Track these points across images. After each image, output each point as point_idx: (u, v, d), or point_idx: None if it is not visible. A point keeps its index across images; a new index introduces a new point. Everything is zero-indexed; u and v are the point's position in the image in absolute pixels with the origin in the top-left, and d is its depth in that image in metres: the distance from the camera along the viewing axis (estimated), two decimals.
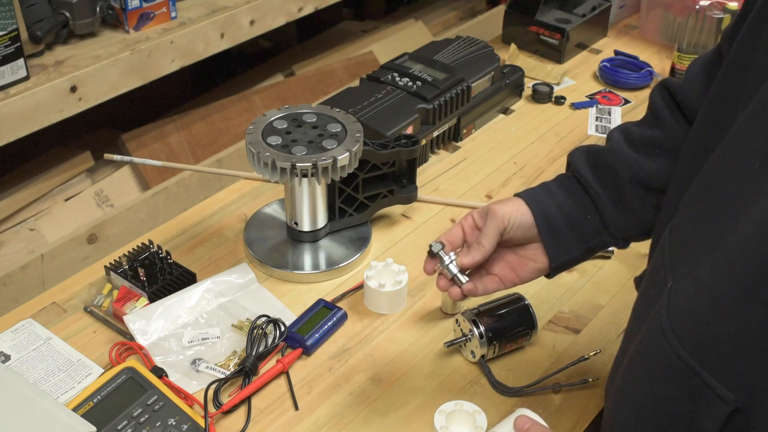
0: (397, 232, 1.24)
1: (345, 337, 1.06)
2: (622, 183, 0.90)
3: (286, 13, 1.86)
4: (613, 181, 0.90)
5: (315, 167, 1.04)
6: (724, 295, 0.63)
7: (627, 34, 1.83)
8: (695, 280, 0.66)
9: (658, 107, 0.92)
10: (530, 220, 0.91)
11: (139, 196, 1.73)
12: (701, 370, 0.64)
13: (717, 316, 0.63)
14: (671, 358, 0.66)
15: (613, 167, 0.90)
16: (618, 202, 0.90)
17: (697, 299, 0.66)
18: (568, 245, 0.91)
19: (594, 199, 0.91)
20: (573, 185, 0.93)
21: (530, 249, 0.92)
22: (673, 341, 0.66)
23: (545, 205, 0.91)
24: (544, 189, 0.94)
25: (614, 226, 0.91)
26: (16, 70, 1.41)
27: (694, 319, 0.66)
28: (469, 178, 1.36)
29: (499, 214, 0.90)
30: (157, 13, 1.65)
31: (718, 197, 0.69)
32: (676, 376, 0.66)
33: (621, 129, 0.94)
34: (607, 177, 0.91)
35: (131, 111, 2.06)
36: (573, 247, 0.92)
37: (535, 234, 0.91)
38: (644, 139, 0.90)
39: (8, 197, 1.67)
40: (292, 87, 2.11)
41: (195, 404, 0.94)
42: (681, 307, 0.68)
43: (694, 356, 0.64)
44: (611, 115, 1.53)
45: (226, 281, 1.11)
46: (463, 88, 1.39)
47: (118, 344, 1.01)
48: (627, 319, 1.09)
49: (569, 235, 0.91)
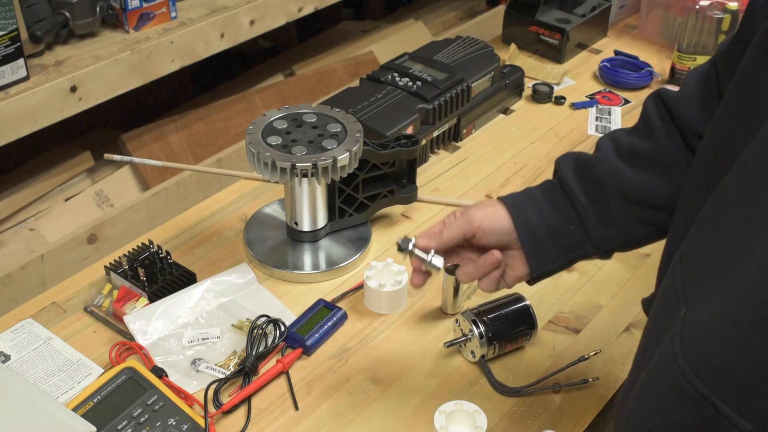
0: (397, 232, 1.24)
1: (345, 337, 1.06)
2: (608, 195, 0.88)
3: (286, 13, 1.86)
4: (599, 193, 0.88)
5: (315, 167, 1.04)
6: (738, 324, 0.61)
7: (627, 34, 1.83)
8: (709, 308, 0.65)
9: (650, 117, 0.89)
10: (507, 226, 0.89)
11: (139, 196, 1.73)
12: (715, 400, 0.62)
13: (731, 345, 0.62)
14: (684, 387, 0.65)
15: (600, 178, 0.88)
16: (602, 214, 0.88)
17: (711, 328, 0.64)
18: (548, 255, 0.90)
19: (578, 210, 0.89)
20: (557, 193, 0.91)
21: (509, 256, 0.91)
22: (686, 370, 0.65)
23: (527, 212, 0.90)
24: (527, 196, 0.92)
25: (597, 237, 0.89)
26: (16, 70, 1.41)
27: (708, 348, 0.64)
28: (469, 178, 1.36)
29: (470, 216, 0.89)
30: (157, 13, 1.65)
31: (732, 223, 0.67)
32: (689, 405, 0.64)
33: (611, 137, 0.92)
34: (593, 188, 0.89)
35: (131, 111, 2.06)
36: (554, 257, 0.90)
37: (512, 240, 0.90)
38: (634, 150, 0.88)
39: (8, 197, 1.67)
40: (292, 87, 2.11)
41: (195, 404, 0.94)
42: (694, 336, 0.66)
43: (708, 385, 0.63)
44: (611, 115, 1.53)
45: (226, 281, 1.11)
46: (463, 88, 1.39)
47: (118, 344, 1.01)
48: (627, 319, 1.10)
49: (550, 246, 0.89)
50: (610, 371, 1.01)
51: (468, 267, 0.91)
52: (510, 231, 0.89)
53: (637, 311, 1.10)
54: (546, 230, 0.89)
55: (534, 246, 0.89)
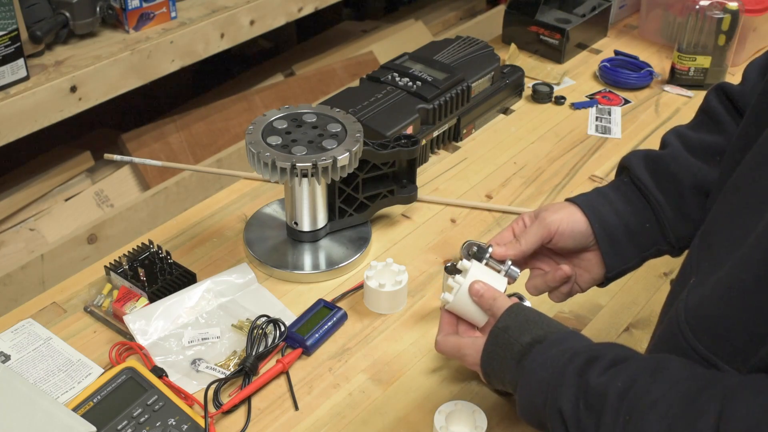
0: (397, 232, 1.24)
1: (345, 337, 1.06)
2: (684, 190, 0.87)
3: (286, 13, 1.86)
4: (674, 189, 0.88)
5: (315, 167, 1.04)
6: (735, 287, 0.64)
7: (627, 34, 1.83)
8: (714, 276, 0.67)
9: (717, 112, 0.89)
10: (585, 228, 0.88)
11: (139, 196, 1.73)
12: (717, 361, 0.65)
13: (729, 307, 0.65)
14: (687, 350, 0.68)
15: (674, 174, 0.88)
16: (678, 211, 0.88)
17: (712, 293, 0.67)
18: (625, 255, 0.89)
19: (654, 207, 0.88)
20: (631, 192, 0.90)
21: (584, 259, 0.91)
22: (688, 334, 0.68)
23: (603, 213, 0.89)
24: (600, 195, 0.91)
25: (673, 234, 0.89)
26: (16, 70, 1.41)
27: (708, 312, 0.67)
28: (469, 178, 1.36)
29: (546, 221, 0.88)
30: (157, 13, 1.65)
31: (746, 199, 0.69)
32: None
33: (676, 134, 0.91)
34: (668, 184, 0.88)
35: (131, 111, 2.07)
36: (630, 256, 0.90)
37: (589, 242, 0.89)
38: (704, 145, 0.88)
39: (8, 197, 1.67)
40: (292, 87, 2.12)
41: (195, 404, 0.94)
42: (697, 301, 0.69)
43: (708, 347, 0.66)
44: (611, 115, 1.53)
45: (226, 281, 1.11)
46: (463, 88, 1.39)
47: (118, 344, 1.01)
48: (627, 319, 1.10)
49: (627, 245, 0.89)
50: None
51: (537, 280, 0.91)
52: (587, 233, 0.89)
53: (637, 311, 1.10)
54: (623, 230, 0.89)
55: (611, 246, 0.89)
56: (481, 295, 0.84)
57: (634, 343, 1.04)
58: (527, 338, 0.78)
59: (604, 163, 1.39)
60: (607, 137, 1.47)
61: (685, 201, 0.87)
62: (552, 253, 0.93)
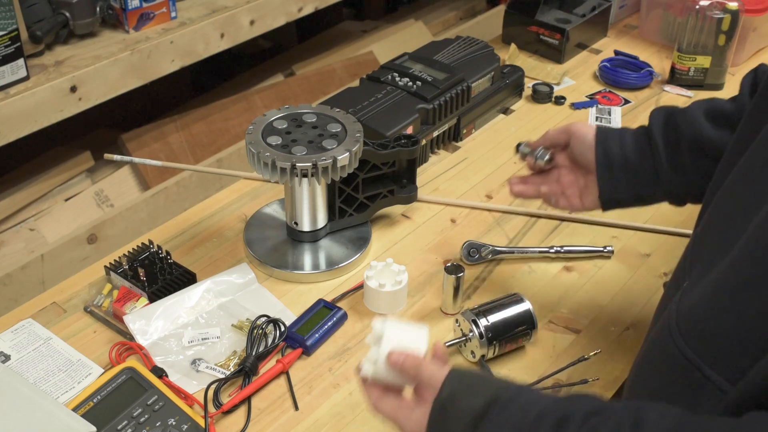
0: (397, 232, 1.24)
1: (345, 337, 1.06)
2: (681, 141, 0.94)
3: (286, 13, 1.86)
4: (675, 139, 0.95)
5: (315, 167, 1.04)
6: (723, 289, 0.65)
7: (627, 34, 1.83)
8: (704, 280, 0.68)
9: (742, 86, 0.95)
10: (591, 142, 0.99)
11: (139, 196, 1.73)
12: (702, 364, 0.65)
13: (717, 310, 0.65)
14: (675, 354, 0.68)
15: (679, 126, 0.95)
16: (672, 158, 0.95)
17: (702, 296, 0.67)
18: (619, 185, 0.98)
19: (653, 150, 0.96)
20: (642, 134, 0.98)
21: (590, 180, 1.01)
22: (677, 338, 0.68)
23: (610, 142, 0.98)
24: (617, 130, 1.01)
25: (665, 179, 0.95)
26: (16, 70, 1.41)
27: (696, 315, 0.67)
28: (469, 178, 1.36)
29: (571, 125, 1.02)
30: (157, 13, 1.65)
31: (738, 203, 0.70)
32: (679, 371, 0.67)
33: (707, 100, 0.98)
34: (671, 134, 0.95)
35: (131, 111, 2.06)
36: (623, 188, 0.98)
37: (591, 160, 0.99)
38: (716, 109, 0.94)
39: (8, 197, 1.67)
40: (292, 87, 2.11)
41: (195, 404, 0.94)
42: (687, 305, 0.69)
43: (695, 351, 0.66)
44: (611, 115, 1.53)
45: (226, 281, 1.11)
46: (463, 88, 1.39)
47: (118, 344, 1.01)
48: (627, 319, 1.10)
49: (622, 176, 0.97)
50: (610, 371, 1.01)
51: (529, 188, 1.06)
52: (591, 147, 0.99)
53: (637, 311, 1.10)
54: (621, 160, 0.97)
55: (606, 171, 0.98)
56: (402, 365, 0.76)
57: (635, 343, 1.04)
58: (479, 402, 0.69)
59: None
60: None
61: (680, 151, 0.94)
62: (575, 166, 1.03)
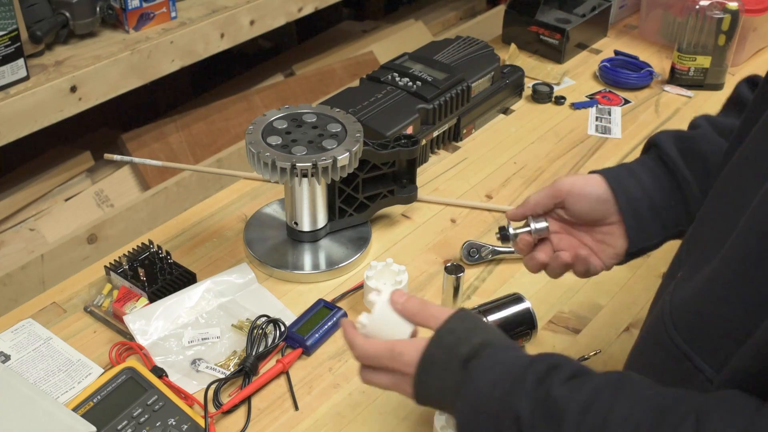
0: (397, 232, 1.24)
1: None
2: (712, 170, 0.86)
3: (286, 13, 1.86)
4: (702, 168, 0.87)
5: (315, 167, 1.04)
6: (715, 280, 0.65)
7: (627, 34, 1.83)
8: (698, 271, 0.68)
9: (746, 97, 0.89)
10: (602, 194, 0.87)
11: (139, 196, 1.73)
12: (693, 355, 0.66)
13: (708, 301, 0.65)
14: (668, 344, 0.68)
15: (703, 153, 0.87)
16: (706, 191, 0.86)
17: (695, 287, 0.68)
18: (650, 231, 0.88)
19: (682, 186, 0.87)
20: (659, 168, 0.89)
21: (606, 233, 0.89)
22: (670, 328, 0.68)
23: (628, 186, 0.88)
24: (625, 169, 0.90)
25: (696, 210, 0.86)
26: (16, 70, 1.41)
27: (689, 306, 0.68)
28: (469, 178, 1.36)
29: (558, 183, 0.89)
30: (157, 13, 1.65)
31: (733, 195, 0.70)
32: (671, 361, 0.68)
33: (705, 118, 0.91)
34: (697, 163, 0.87)
35: (131, 111, 2.06)
36: (654, 233, 0.88)
37: (607, 212, 0.88)
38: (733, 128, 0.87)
39: (8, 197, 1.67)
40: (292, 87, 2.11)
41: (195, 404, 0.94)
42: (681, 296, 0.69)
43: (687, 341, 0.66)
44: (611, 115, 1.53)
45: (226, 281, 1.11)
46: (463, 88, 1.39)
47: (118, 344, 1.01)
48: (627, 319, 1.10)
49: (652, 221, 0.88)
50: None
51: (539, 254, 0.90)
52: (604, 200, 0.88)
53: (637, 311, 1.10)
54: (648, 204, 0.87)
55: (636, 221, 0.87)
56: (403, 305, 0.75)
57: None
58: (477, 339, 0.70)
59: (604, 163, 1.39)
60: (607, 137, 1.47)
61: (709, 175, 0.86)
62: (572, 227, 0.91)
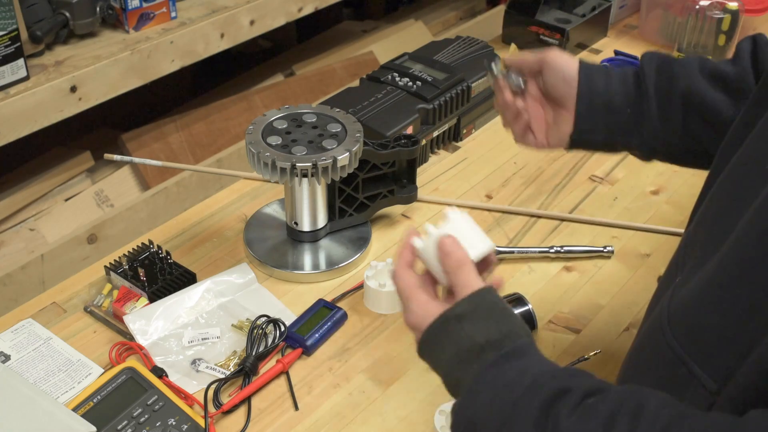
0: (397, 232, 1.24)
1: (345, 337, 1.06)
2: (675, 93, 0.89)
3: (286, 13, 1.86)
4: (667, 88, 0.90)
5: (315, 167, 1.04)
6: (712, 284, 0.64)
7: (627, 34, 1.83)
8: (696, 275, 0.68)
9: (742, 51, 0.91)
10: (571, 74, 0.92)
11: (139, 196, 1.73)
12: (688, 360, 0.65)
13: (705, 305, 0.65)
14: (664, 349, 0.68)
15: (674, 76, 0.90)
16: (662, 108, 0.90)
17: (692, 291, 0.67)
18: (596, 125, 0.92)
19: (643, 96, 0.91)
20: (631, 77, 0.93)
21: (559, 114, 0.93)
22: (667, 332, 0.68)
23: (596, 79, 0.92)
24: (603, 68, 0.94)
25: (648, 129, 0.91)
26: (16, 70, 1.41)
27: (686, 310, 0.67)
28: (469, 178, 1.36)
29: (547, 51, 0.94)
30: (157, 13, 1.65)
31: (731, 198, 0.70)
32: (666, 366, 0.67)
33: (699, 57, 0.94)
34: (664, 83, 0.91)
35: (131, 111, 2.06)
36: (600, 129, 0.92)
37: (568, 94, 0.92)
38: (715, 70, 0.90)
39: (8, 197, 1.67)
40: (292, 87, 2.11)
41: (195, 404, 0.95)
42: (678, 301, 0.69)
43: (683, 346, 0.66)
44: None
45: (226, 281, 1.11)
46: (463, 88, 1.39)
47: (118, 344, 1.01)
48: (627, 319, 1.10)
49: (602, 117, 0.91)
50: (610, 371, 1.01)
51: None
52: (571, 80, 0.92)
53: (637, 311, 1.10)
54: (605, 100, 0.91)
55: (587, 110, 0.91)
56: (447, 254, 0.73)
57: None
58: (481, 338, 0.68)
59: (604, 163, 1.39)
60: None
61: (672, 102, 0.89)
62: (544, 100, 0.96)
